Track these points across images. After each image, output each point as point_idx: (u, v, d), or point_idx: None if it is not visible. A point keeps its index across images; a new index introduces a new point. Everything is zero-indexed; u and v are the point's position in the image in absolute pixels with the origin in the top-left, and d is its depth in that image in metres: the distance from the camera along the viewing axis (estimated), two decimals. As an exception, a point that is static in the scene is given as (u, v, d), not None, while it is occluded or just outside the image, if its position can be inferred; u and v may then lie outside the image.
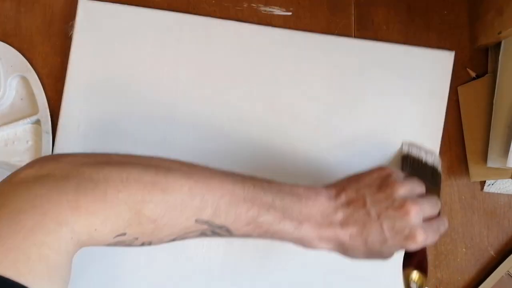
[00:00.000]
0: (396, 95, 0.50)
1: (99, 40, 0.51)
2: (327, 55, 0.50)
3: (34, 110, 0.53)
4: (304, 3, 0.52)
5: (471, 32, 0.50)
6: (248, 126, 0.50)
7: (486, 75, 0.49)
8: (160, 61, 0.51)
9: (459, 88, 0.50)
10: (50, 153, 0.52)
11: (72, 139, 0.51)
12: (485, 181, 0.50)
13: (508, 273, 0.49)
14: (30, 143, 0.53)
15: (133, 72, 0.51)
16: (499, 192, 0.50)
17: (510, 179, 0.47)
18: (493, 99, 0.48)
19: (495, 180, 0.49)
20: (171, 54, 0.51)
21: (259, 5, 0.52)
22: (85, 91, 0.51)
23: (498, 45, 0.47)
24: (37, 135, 0.53)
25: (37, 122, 0.53)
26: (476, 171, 0.49)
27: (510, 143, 0.43)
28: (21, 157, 0.52)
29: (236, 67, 0.51)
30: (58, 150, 0.51)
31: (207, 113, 0.51)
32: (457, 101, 0.51)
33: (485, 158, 0.48)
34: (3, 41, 0.53)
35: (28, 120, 0.52)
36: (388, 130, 0.50)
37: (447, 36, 0.51)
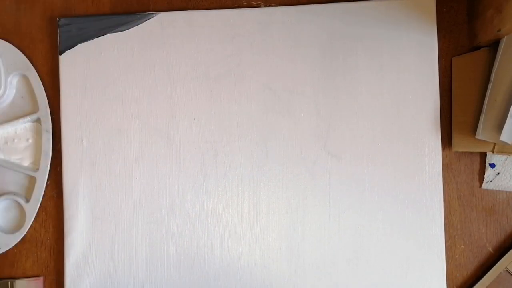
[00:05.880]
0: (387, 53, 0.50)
1: (85, 53, 0.52)
2: (316, 23, 0.51)
3: (35, 108, 0.53)
4: (303, 1, 0.52)
5: (470, 30, 0.51)
6: (247, 102, 0.51)
7: (482, 48, 0.49)
8: (149, 63, 0.52)
9: (454, 59, 0.51)
10: (50, 151, 0.52)
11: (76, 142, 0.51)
12: (483, 178, 0.50)
13: (507, 270, 0.49)
14: (30, 141, 0.53)
15: (124, 78, 0.52)
16: (497, 189, 0.50)
17: (491, 152, 0.48)
18: (488, 72, 0.48)
19: (494, 177, 0.50)
20: (159, 52, 0.52)
21: (259, 3, 0.52)
22: (81, 104, 0.52)
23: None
24: (37, 133, 0.53)
25: (37, 120, 0.53)
26: (459, 142, 0.49)
27: (506, 118, 0.43)
28: (21, 155, 0.53)
29: (224, 52, 0.51)
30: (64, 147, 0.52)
31: (203, 104, 0.51)
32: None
33: (471, 130, 0.48)
34: (3, 38, 0.53)
35: (28, 118, 0.52)
36: (383, 85, 0.50)
37: (446, 34, 0.51)
